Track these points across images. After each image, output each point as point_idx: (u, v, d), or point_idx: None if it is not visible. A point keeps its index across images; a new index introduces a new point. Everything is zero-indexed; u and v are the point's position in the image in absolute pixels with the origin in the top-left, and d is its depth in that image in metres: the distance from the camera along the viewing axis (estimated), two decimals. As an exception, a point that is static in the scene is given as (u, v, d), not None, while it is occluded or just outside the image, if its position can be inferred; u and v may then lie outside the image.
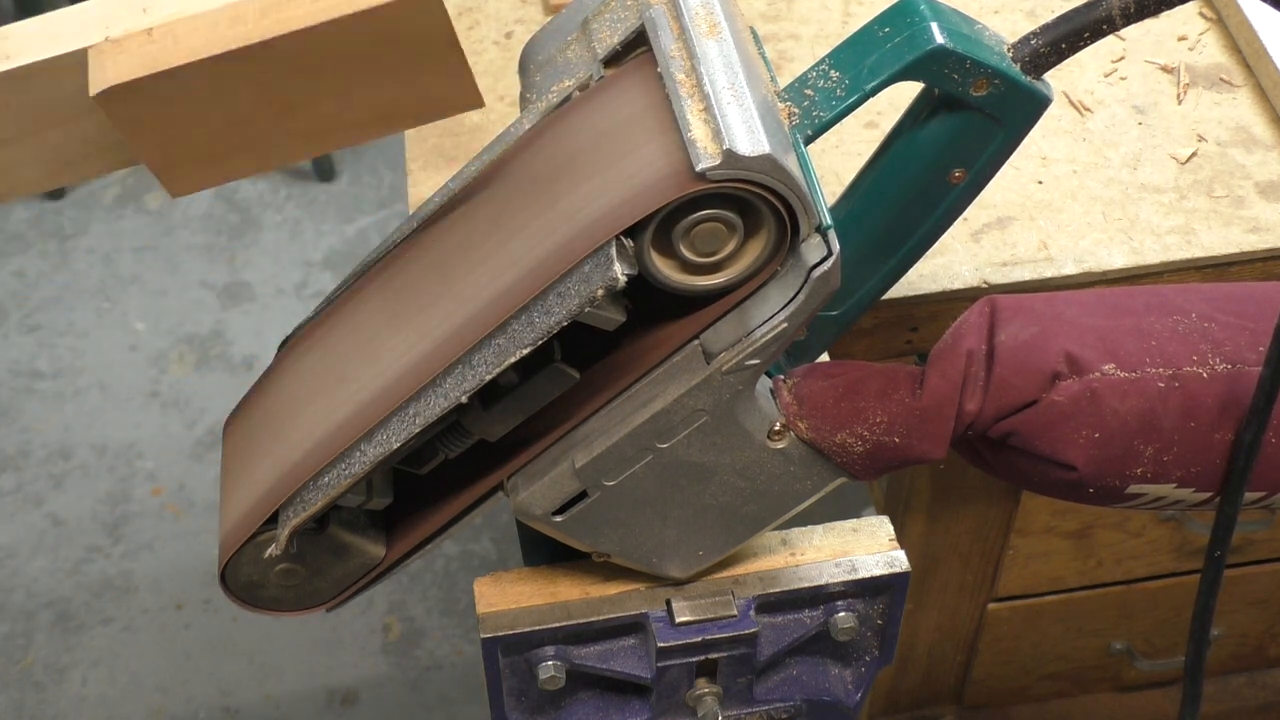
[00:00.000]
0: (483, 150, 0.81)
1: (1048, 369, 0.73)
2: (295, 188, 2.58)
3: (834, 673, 0.89)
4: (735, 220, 0.69)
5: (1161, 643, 1.48)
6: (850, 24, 1.27)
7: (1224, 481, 0.75)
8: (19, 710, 1.93)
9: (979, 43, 0.75)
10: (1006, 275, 1.08)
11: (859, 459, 0.76)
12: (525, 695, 0.84)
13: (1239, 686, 1.56)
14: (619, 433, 0.74)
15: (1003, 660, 1.47)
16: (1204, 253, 1.09)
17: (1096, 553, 1.34)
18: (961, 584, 1.36)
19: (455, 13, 1.30)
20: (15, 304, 2.41)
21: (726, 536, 0.81)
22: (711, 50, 0.71)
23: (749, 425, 0.75)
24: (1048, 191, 1.14)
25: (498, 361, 0.71)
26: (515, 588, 0.83)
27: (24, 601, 2.04)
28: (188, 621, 2.01)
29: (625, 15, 0.78)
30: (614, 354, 0.76)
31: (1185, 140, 1.17)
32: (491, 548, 2.08)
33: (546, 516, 0.77)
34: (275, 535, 0.77)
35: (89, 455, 2.19)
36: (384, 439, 0.74)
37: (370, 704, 1.92)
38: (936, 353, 0.76)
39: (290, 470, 0.78)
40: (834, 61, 0.76)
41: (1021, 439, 0.74)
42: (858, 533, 0.85)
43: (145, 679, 1.95)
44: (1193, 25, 1.26)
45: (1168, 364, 0.74)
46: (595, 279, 0.68)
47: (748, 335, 0.71)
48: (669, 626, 0.81)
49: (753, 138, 0.67)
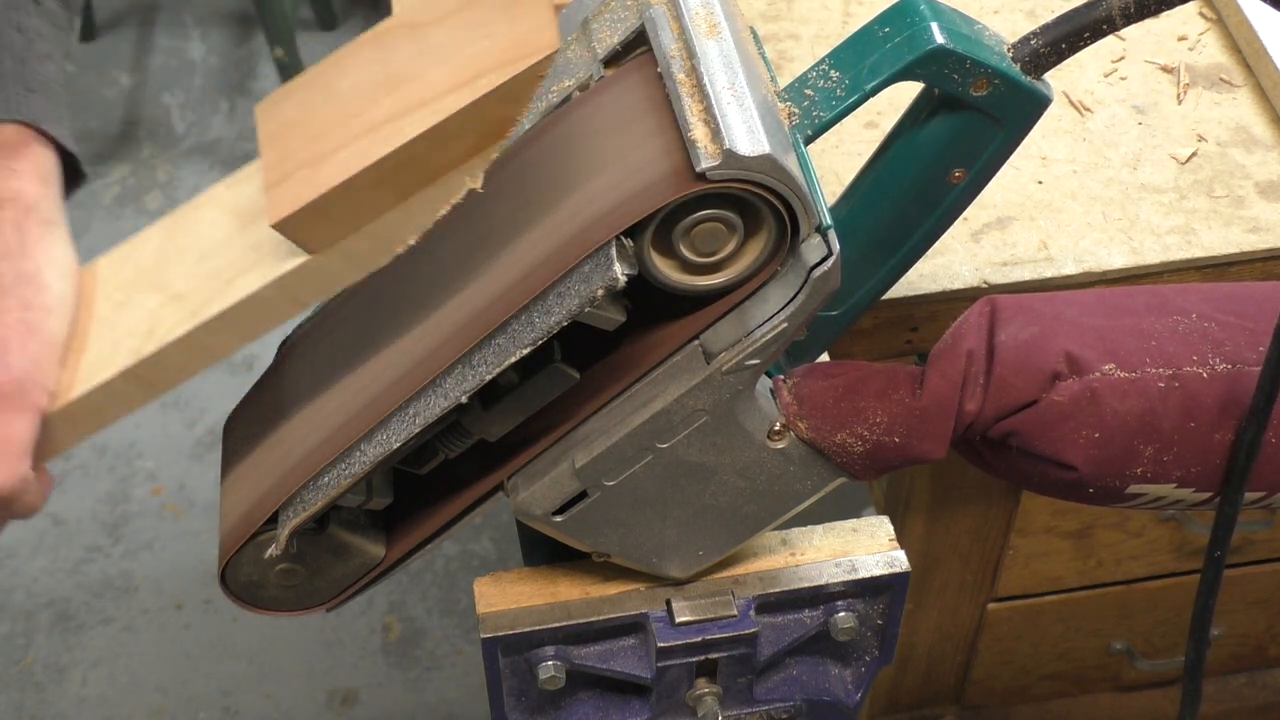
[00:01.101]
0: (483, 150, 0.81)
1: (1048, 369, 0.73)
2: (295, 188, 2.58)
3: (834, 673, 0.89)
4: (735, 220, 0.69)
5: (1161, 643, 1.48)
6: (850, 24, 1.27)
7: (1224, 481, 0.75)
8: (19, 710, 1.93)
9: (979, 43, 0.75)
10: (1006, 275, 1.08)
11: (859, 459, 0.76)
12: (525, 695, 0.84)
13: (1239, 686, 1.56)
14: (619, 433, 0.74)
15: (1003, 660, 1.47)
16: (1204, 253, 1.09)
17: (1096, 553, 1.34)
18: (961, 584, 1.36)
19: (455, 13, 1.30)
20: (15, 304, 2.41)
21: (726, 536, 0.81)
22: (711, 50, 0.71)
23: (749, 425, 0.75)
24: (1048, 191, 1.14)
25: (498, 361, 0.71)
26: (515, 588, 0.83)
27: (24, 601, 2.04)
28: (188, 621, 2.01)
29: (625, 15, 0.78)
30: (614, 354, 0.76)
31: (1185, 140, 1.17)
32: (491, 548, 2.08)
33: (546, 516, 0.77)
34: (275, 535, 0.77)
35: (89, 455, 2.19)
36: (384, 439, 0.74)
37: (370, 704, 1.92)
38: (936, 353, 0.76)
39: (290, 470, 0.78)
40: (834, 61, 0.76)
41: (1021, 439, 0.74)
42: (858, 533, 0.85)
43: (145, 679, 1.95)
44: (1193, 25, 1.26)
45: (1168, 364, 0.74)
46: (595, 279, 0.68)
47: (748, 335, 0.71)
48: (669, 626, 0.81)
49: (753, 138, 0.67)
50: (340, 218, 0.67)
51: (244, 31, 2.87)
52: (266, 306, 0.70)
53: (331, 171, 0.66)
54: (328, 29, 2.85)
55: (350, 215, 0.67)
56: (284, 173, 0.67)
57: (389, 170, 0.66)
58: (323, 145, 0.67)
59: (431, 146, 0.65)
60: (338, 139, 0.67)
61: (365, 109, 0.67)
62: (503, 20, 0.66)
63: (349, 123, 0.67)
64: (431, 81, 0.66)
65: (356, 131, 0.66)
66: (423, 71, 0.67)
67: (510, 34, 0.65)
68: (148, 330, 0.72)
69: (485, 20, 0.67)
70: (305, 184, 0.66)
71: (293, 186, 0.66)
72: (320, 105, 0.69)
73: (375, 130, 0.66)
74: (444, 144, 0.65)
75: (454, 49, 0.66)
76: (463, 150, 0.66)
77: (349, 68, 0.69)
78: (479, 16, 0.67)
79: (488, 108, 0.65)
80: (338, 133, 0.67)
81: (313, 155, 0.67)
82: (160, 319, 0.72)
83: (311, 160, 0.67)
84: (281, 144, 0.69)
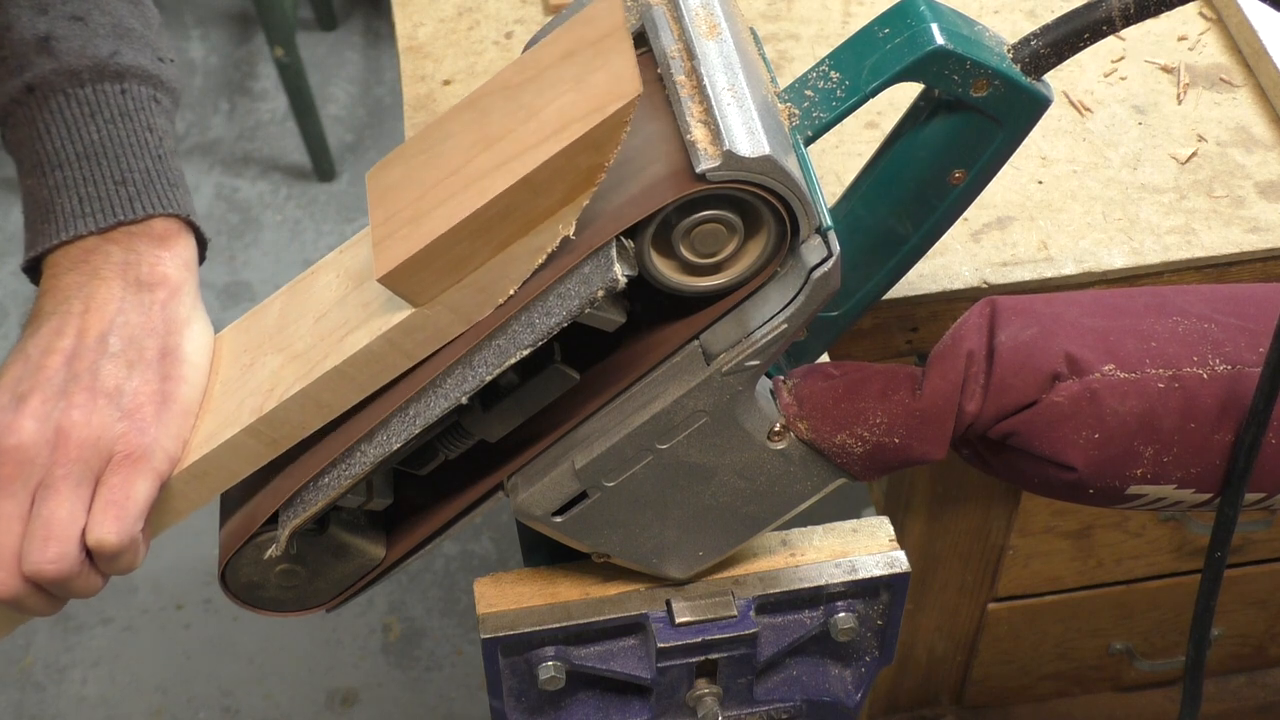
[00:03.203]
0: (483, 151, 0.81)
1: (1047, 369, 0.73)
2: (295, 187, 2.58)
3: (834, 673, 0.89)
4: (735, 221, 0.69)
5: (1161, 643, 1.48)
6: (850, 24, 1.27)
7: (1224, 482, 0.75)
8: (19, 710, 1.93)
9: (979, 43, 0.75)
10: (1006, 275, 1.08)
11: (859, 460, 0.76)
12: (525, 695, 0.84)
13: (1239, 686, 1.56)
14: (619, 433, 0.74)
15: (1003, 660, 1.47)
16: (1204, 253, 1.09)
17: (1096, 553, 1.34)
18: (961, 584, 1.36)
19: (455, 13, 1.30)
20: (15, 304, 2.41)
21: (726, 537, 0.81)
22: (711, 51, 0.71)
23: (749, 426, 0.75)
24: (1048, 191, 1.14)
25: (498, 362, 0.71)
26: (515, 588, 0.83)
27: (24, 601, 2.04)
28: (188, 621, 2.01)
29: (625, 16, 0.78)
30: (614, 355, 0.76)
31: (1185, 140, 1.17)
32: (491, 548, 2.08)
33: (546, 517, 0.77)
34: (275, 536, 0.77)
35: (89, 455, 2.18)
36: (384, 440, 0.74)
37: (370, 704, 1.92)
38: (936, 353, 0.76)
39: (290, 470, 0.78)
40: (834, 62, 0.77)
41: (1021, 440, 0.74)
42: (858, 533, 0.85)
43: (145, 679, 1.95)
44: (1193, 25, 1.26)
45: (1168, 365, 0.74)
46: (595, 280, 0.68)
47: (748, 336, 0.71)
48: (669, 627, 0.81)
49: (753, 139, 0.67)
50: (442, 270, 0.71)
51: (244, 31, 2.87)
52: (376, 360, 0.74)
53: (432, 226, 0.70)
54: (328, 29, 2.85)
55: (451, 267, 0.71)
56: (389, 231, 0.72)
57: (484, 222, 0.69)
58: (424, 203, 0.71)
59: (523, 197, 0.69)
60: (436, 197, 0.71)
61: (462, 167, 0.71)
62: (587, 73, 0.70)
63: (447, 181, 0.71)
64: (522, 137, 0.70)
65: (454, 189, 0.71)
66: (514, 128, 0.71)
67: (594, 84, 0.69)
68: (269, 389, 0.77)
69: (572, 76, 0.70)
70: (407, 239, 0.70)
71: (396, 243, 0.71)
72: (422, 167, 0.73)
73: (470, 185, 0.70)
74: (534, 194, 0.69)
75: (543, 104, 0.70)
76: (554, 200, 0.70)
77: (449, 130, 0.74)
78: (566, 73, 0.71)
79: (574, 156, 0.68)
80: (437, 191, 0.71)
81: (415, 213, 0.71)
82: (280, 377, 0.77)
83: (414, 217, 0.71)
84: (387, 204, 0.73)
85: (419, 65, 1.26)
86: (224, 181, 2.59)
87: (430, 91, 1.23)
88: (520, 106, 0.71)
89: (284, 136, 2.66)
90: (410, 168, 0.74)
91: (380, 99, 2.74)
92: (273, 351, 0.79)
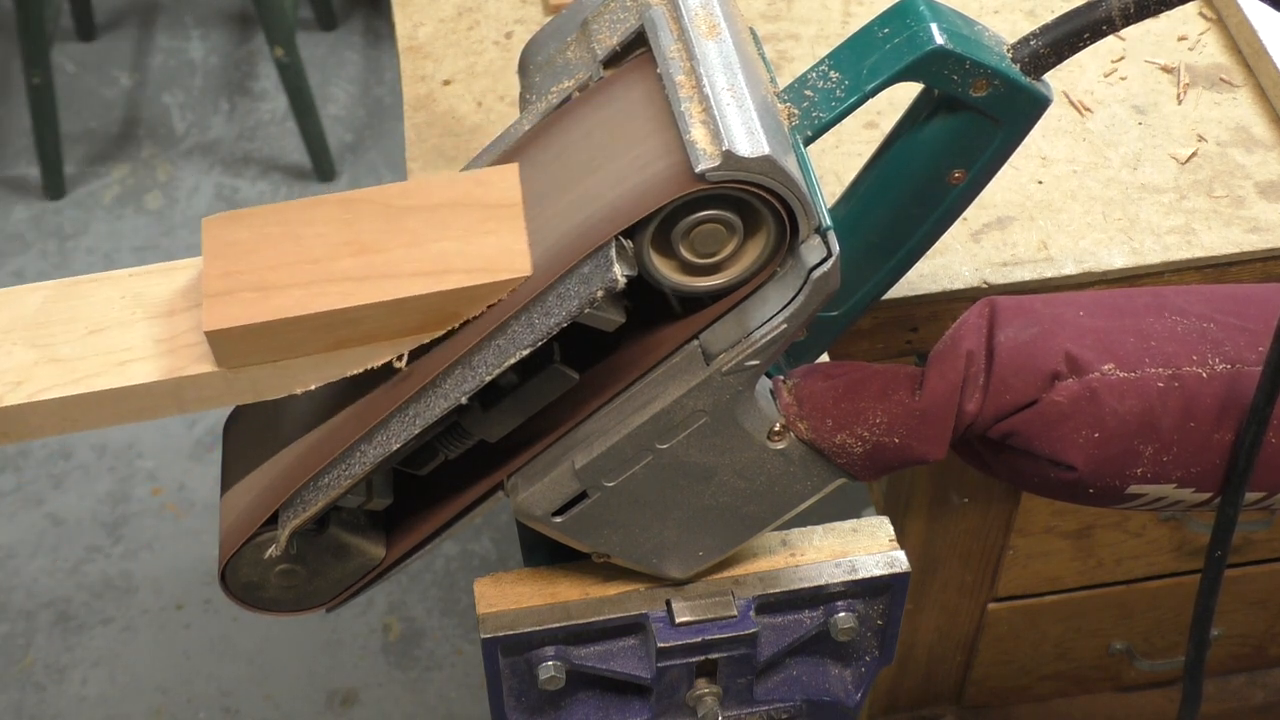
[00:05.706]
0: (482, 150, 0.81)
1: (1047, 369, 0.73)
2: (295, 188, 2.58)
3: (834, 673, 0.89)
4: (735, 221, 0.69)
5: (1161, 643, 1.48)
6: (850, 24, 1.27)
7: (1224, 482, 0.75)
8: (19, 710, 1.93)
9: (978, 43, 0.75)
10: (1006, 275, 1.08)
11: (859, 459, 0.76)
12: (525, 695, 0.84)
13: (1239, 686, 1.56)
14: (619, 433, 0.74)
15: (1003, 660, 1.47)
16: (1204, 253, 1.09)
17: (1096, 553, 1.34)
18: (961, 584, 1.36)
19: (455, 13, 1.30)
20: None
21: (726, 537, 0.81)
22: (711, 51, 0.71)
23: (749, 426, 0.75)
24: (1048, 191, 1.14)
25: (497, 363, 0.71)
26: (515, 588, 0.83)
27: (24, 601, 2.04)
28: (188, 621, 2.01)
29: (625, 16, 0.78)
30: (614, 355, 0.76)
31: (1185, 140, 1.17)
32: (491, 548, 2.08)
33: (546, 517, 0.77)
34: (275, 536, 0.77)
35: (89, 455, 2.19)
36: (383, 440, 0.74)
37: (370, 704, 1.92)
38: (936, 353, 0.76)
39: (290, 470, 0.78)
40: (834, 62, 0.77)
41: (1021, 439, 0.74)
42: (858, 533, 0.85)
43: (145, 679, 1.95)
44: (1193, 25, 1.26)
45: (1167, 364, 0.74)
46: (595, 280, 0.68)
47: (747, 336, 0.71)
48: (669, 627, 0.81)
49: (752, 139, 0.67)
50: (269, 346, 0.73)
51: (244, 31, 2.87)
52: (154, 398, 0.75)
53: (281, 303, 0.72)
54: (327, 29, 2.85)
55: (278, 347, 0.73)
56: (226, 288, 0.73)
57: (334, 322, 0.72)
58: (273, 276, 0.73)
59: (382, 315, 0.72)
60: (290, 276, 0.73)
61: (323, 259, 0.73)
62: (477, 232, 0.73)
63: (305, 266, 0.73)
64: (397, 260, 0.73)
65: (312, 277, 0.73)
66: (391, 248, 0.73)
67: (483, 246, 0.73)
68: (15, 382, 0.76)
69: (461, 226, 0.73)
70: (249, 305, 0.72)
71: (235, 303, 0.72)
72: (278, 239, 0.75)
73: (334, 282, 0.72)
74: (393, 317, 0.72)
75: (426, 239, 0.73)
76: (405, 327, 0.73)
77: (313, 218, 0.76)
78: (455, 221, 0.74)
79: (447, 301, 0.71)
80: (291, 271, 0.73)
81: (261, 282, 0.73)
82: (34, 375, 0.76)
83: (259, 286, 0.73)
84: (227, 259, 0.75)
85: (419, 65, 1.26)
86: (224, 181, 2.59)
87: (430, 91, 1.23)
88: (402, 230, 0.74)
89: (284, 136, 2.66)
90: (262, 236, 0.75)
91: (380, 99, 2.74)
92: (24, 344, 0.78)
